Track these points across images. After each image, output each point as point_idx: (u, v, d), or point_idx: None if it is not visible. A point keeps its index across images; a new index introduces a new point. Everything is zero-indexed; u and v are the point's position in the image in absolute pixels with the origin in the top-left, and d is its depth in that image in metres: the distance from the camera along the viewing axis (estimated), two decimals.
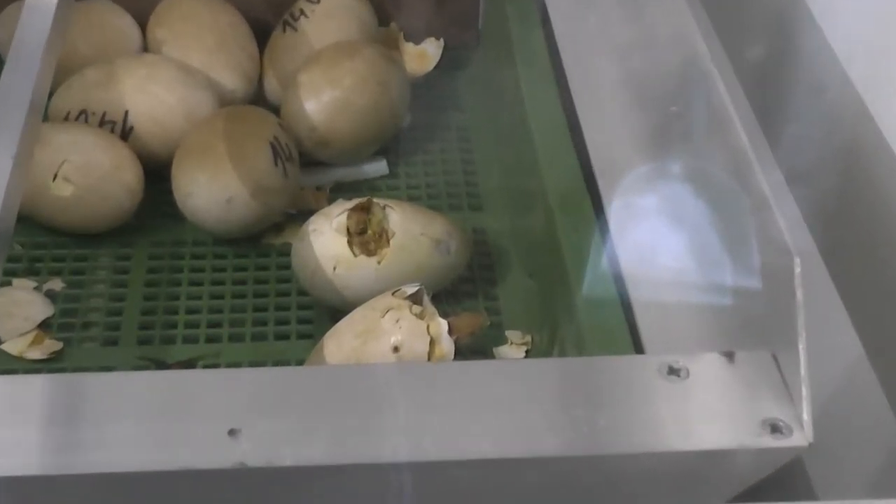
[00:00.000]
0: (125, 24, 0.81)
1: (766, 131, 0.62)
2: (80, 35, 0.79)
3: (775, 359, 0.42)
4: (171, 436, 0.39)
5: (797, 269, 0.40)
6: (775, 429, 0.40)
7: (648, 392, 0.41)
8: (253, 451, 0.38)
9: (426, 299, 0.60)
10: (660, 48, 0.62)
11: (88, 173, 0.69)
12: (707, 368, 0.42)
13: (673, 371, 0.42)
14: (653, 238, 0.56)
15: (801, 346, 0.40)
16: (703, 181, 0.53)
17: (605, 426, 0.40)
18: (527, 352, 0.65)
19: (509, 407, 0.41)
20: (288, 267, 0.69)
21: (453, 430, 0.40)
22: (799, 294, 0.40)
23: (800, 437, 0.40)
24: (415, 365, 0.55)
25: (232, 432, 0.39)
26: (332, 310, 0.66)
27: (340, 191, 0.76)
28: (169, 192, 0.71)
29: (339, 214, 0.65)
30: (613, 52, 0.69)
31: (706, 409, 0.41)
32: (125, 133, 0.73)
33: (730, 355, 0.43)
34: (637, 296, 0.55)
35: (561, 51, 0.73)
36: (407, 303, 0.59)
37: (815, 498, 0.46)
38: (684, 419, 0.40)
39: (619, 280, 0.57)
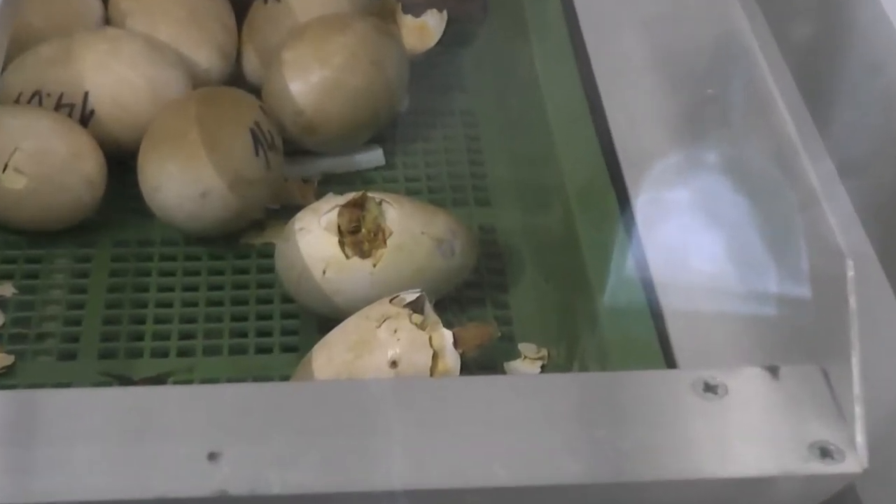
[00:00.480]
0: None
1: (814, 115, 0.63)
2: (33, 6, 0.79)
3: (825, 374, 0.43)
4: (141, 460, 0.40)
5: (850, 273, 0.41)
6: (825, 453, 0.40)
7: (681, 411, 0.42)
8: (235, 477, 0.39)
9: (428, 307, 0.60)
10: (693, 20, 0.63)
11: (43, 163, 0.70)
12: (747, 385, 0.43)
13: (709, 388, 0.42)
14: (685, 237, 0.57)
15: (855, 360, 0.41)
16: (742, 173, 0.53)
17: (632, 449, 0.40)
18: (542, 367, 0.66)
19: (523, 428, 0.41)
20: (270, 270, 0.69)
21: (459, 454, 0.40)
22: (852, 301, 0.41)
23: (853, 463, 0.40)
24: (415, 380, 0.55)
25: (212, 456, 0.39)
26: (321, 319, 0.67)
27: (330, 184, 0.76)
28: (135, 184, 0.72)
29: (329, 211, 0.65)
30: (640, 25, 0.69)
31: (746, 430, 0.41)
32: (85, 117, 0.73)
33: (773, 370, 0.43)
34: (668, 303, 0.55)
35: (581, 23, 0.74)
36: (406, 311, 0.60)
37: None
38: (722, 442, 0.41)
39: (647, 285, 0.57)
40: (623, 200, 0.62)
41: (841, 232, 0.43)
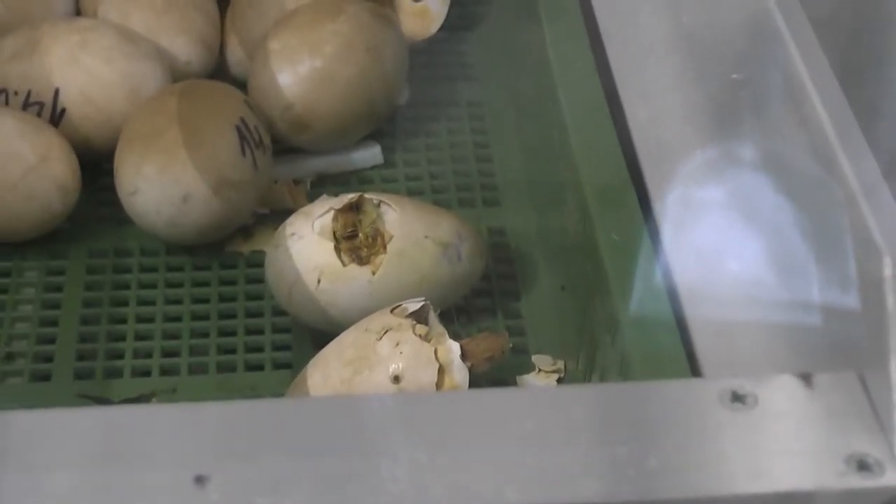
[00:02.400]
0: None
1: (854, 105, 0.63)
2: None
3: (862, 381, 0.44)
4: (123, 486, 0.40)
5: (888, 272, 0.42)
6: (863, 466, 0.41)
7: (708, 424, 0.42)
8: (225, 503, 0.40)
9: (433, 317, 0.61)
10: (719, 1, 0.63)
11: (9, 168, 0.70)
12: (779, 394, 0.43)
13: (737, 398, 0.43)
14: (711, 240, 0.57)
15: (894, 366, 0.41)
16: (772, 169, 0.54)
17: (656, 466, 0.41)
18: (558, 381, 0.66)
19: (538, 444, 0.42)
20: (260, 280, 0.70)
21: (469, 475, 0.41)
22: (891, 301, 0.42)
23: (893, 476, 0.41)
24: (420, 396, 0.56)
25: (199, 480, 0.40)
26: (316, 333, 0.67)
27: (324, 185, 0.77)
28: (110, 188, 0.73)
29: (323, 214, 0.66)
30: (660, 5, 0.69)
31: (779, 443, 0.42)
32: (55, 117, 0.74)
33: (807, 378, 0.44)
34: (693, 311, 0.56)
35: (595, 4, 0.74)
36: (409, 322, 0.61)
37: None
38: (752, 456, 0.41)
39: (671, 292, 0.58)
40: (644, 199, 0.63)
41: (880, 230, 0.43)
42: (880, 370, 0.42)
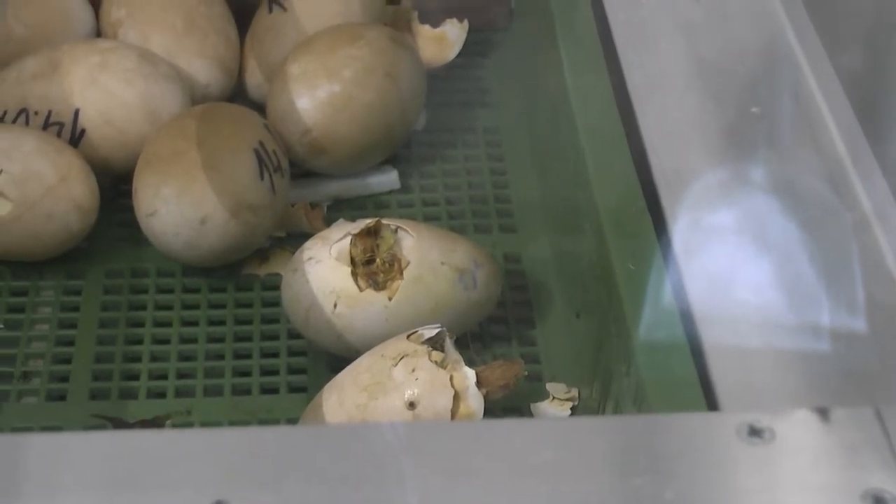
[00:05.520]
0: (71, 1, 0.82)
1: (868, 131, 0.63)
2: (16, 14, 0.80)
3: (880, 416, 0.43)
4: None
5: None
6: (879, 501, 0.41)
7: (725, 458, 0.42)
8: None
9: (448, 344, 0.61)
10: (736, 29, 0.64)
11: (29, 187, 0.71)
12: (796, 429, 0.43)
13: (755, 432, 0.43)
14: (727, 268, 0.57)
15: None
16: (788, 196, 0.54)
17: (673, 499, 0.41)
18: (572, 409, 0.66)
19: (553, 476, 0.42)
20: (276, 303, 0.70)
21: None
22: None
23: None
24: (435, 424, 0.56)
25: None
26: (332, 357, 0.67)
27: (341, 209, 0.77)
28: (128, 209, 0.73)
29: (340, 239, 0.66)
30: (678, 33, 0.69)
31: (795, 478, 0.42)
32: (75, 137, 0.74)
33: (824, 412, 0.44)
34: (710, 339, 0.56)
35: (614, 32, 0.74)
36: (425, 348, 0.61)
37: None
38: (769, 491, 0.41)
39: (687, 320, 0.57)
40: (660, 226, 0.63)
41: (895, 260, 0.43)
42: None
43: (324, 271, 0.66)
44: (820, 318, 0.50)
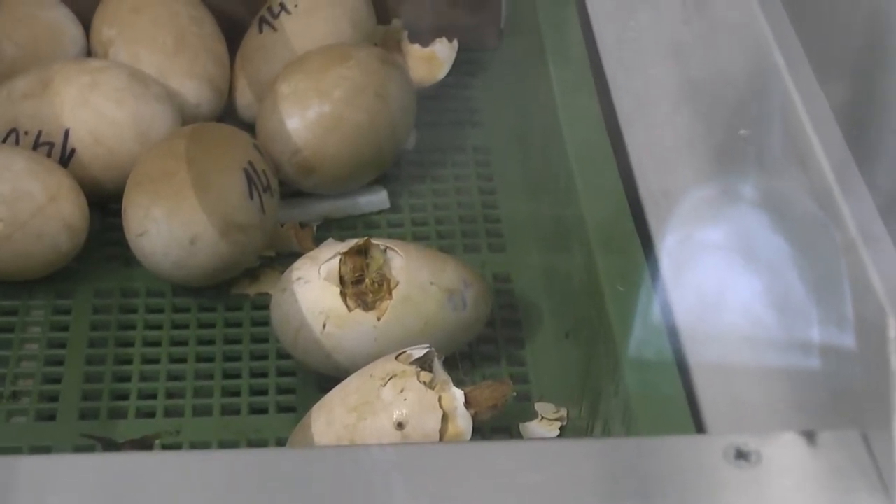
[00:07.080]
0: (62, 19, 0.82)
1: (856, 151, 0.63)
2: (6, 34, 0.80)
3: (866, 440, 0.43)
4: None
5: (892, 332, 0.42)
6: None
7: (712, 481, 0.42)
8: None
9: (437, 364, 0.61)
10: (725, 51, 0.64)
11: (19, 207, 0.71)
12: (783, 452, 0.43)
13: (741, 455, 0.43)
14: (715, 289, 0.57)
15: None
16: (775, 216, 0.54)
17: None
18: (561, 429, 0.66)
19: (541, 499, 0.42)
20: (265, 323, 0.70)
21: None
22: (893, 361, 0.42)
23: None
24: (424, 446, 0.56)
25: None
26: (321, 377, 0.67)
27: (330, 229, 0.77)
28: (118, 229, 0.73)
29: (330, 259, 0.66)
30: (666, 54, 0.70)
31: (782, 501, 0.42)
32: (65, 157, 0.74)
33: (810, 436, 0.44)
34: (697, 360, 0.56)
35: (602, 52, 0.74)
36: (413, 369, 0.61)
37: None
38: None
39: (674, 340, 0.58)
40: (647, 246, 0.63)
41: (883, 283, 0.43)
42: (883, 429, 0.42)
43: (313, 291, 0.66)
44: (806, 338, 0.50)
